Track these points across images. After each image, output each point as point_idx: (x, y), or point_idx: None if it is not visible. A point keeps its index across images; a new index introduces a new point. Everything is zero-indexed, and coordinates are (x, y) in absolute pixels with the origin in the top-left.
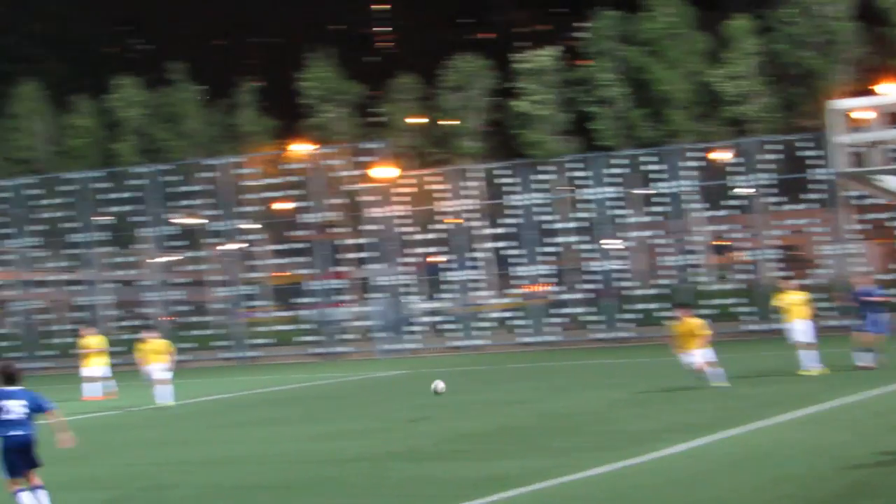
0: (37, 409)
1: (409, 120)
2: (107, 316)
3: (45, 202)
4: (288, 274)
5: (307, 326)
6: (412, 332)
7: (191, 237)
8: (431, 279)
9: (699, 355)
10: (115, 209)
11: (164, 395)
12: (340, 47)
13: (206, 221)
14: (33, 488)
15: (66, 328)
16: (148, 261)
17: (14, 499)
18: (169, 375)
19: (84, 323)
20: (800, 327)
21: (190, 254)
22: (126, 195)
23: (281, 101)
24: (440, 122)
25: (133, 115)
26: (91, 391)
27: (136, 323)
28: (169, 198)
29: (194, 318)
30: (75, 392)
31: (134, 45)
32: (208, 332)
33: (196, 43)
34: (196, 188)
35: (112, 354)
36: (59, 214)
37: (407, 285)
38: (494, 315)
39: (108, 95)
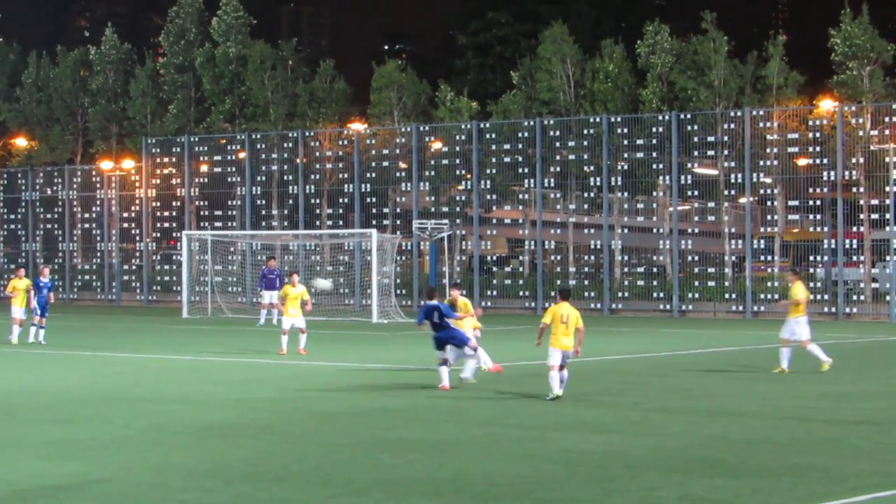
0: None
1: None
2: (616, 262)
3: (564, 144)
4: (800, 231)
5: (818, 285)
6: None
7: (707, 187)
8: None
9: None
10: (633, 155)
11: None
12: (871, 4)
13: (719, 173)
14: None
15: (572, 270)
16: (663, 209)
17: None
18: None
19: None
20: None
21: (705, 204)
22: (645, 142)
23: (808, 55)
24: None
25: (659, 63)
26: None
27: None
28: (688, 147)
29: (703, 269)
30: None
31: None
32: (715, 284)
33: None
34: (716, 139)
35: (623, 299)
36: (575, 157)
37: None
38: None
39: (636, 42)
